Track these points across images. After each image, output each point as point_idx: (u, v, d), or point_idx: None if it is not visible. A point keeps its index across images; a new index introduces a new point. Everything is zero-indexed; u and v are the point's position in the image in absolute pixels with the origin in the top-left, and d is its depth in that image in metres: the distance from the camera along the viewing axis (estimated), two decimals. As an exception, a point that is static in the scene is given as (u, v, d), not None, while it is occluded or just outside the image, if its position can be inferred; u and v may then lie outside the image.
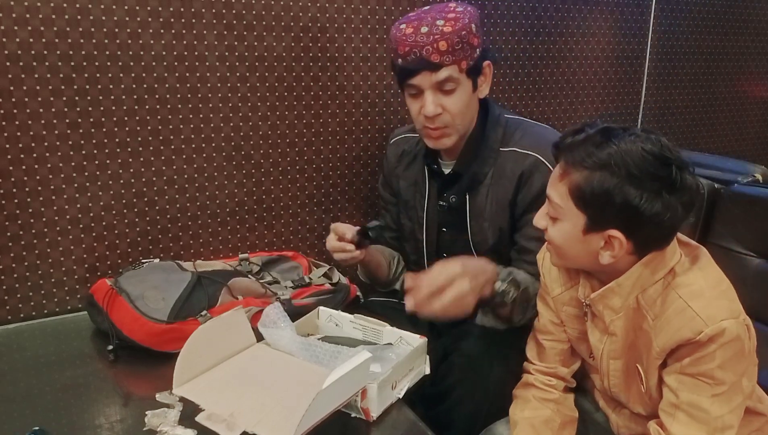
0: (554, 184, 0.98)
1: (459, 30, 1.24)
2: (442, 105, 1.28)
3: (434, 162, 1.43)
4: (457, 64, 1.26)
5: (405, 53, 1.26)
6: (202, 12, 1.51)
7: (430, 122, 1.30)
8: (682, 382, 0.94)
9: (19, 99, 1.37)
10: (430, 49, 1.24)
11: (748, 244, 1.43)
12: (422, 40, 1.24)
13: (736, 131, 2.60)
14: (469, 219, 1.38)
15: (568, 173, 0.94)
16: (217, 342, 1.15)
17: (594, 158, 0.91)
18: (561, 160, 0.97)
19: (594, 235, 0.95)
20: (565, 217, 0.96)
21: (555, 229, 0.99)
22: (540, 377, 1.16)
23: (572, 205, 0.94)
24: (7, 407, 1.09)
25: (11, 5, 1.33)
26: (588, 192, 0.92)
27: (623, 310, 1.00)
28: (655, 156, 0.90)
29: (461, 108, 1.30)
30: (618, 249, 0.94)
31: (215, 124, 1.59)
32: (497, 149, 1.35)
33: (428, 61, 1.24)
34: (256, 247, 1.70)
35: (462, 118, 1.32)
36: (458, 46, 1.25)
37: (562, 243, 0.99)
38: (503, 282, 1.24)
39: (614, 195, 0.90)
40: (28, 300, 1.47)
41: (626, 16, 2.17)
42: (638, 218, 0.90)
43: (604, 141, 0.92)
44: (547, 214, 1.01)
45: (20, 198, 1.42)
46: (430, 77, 1.26)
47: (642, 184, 0.89)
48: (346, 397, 0.99)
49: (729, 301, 0.94)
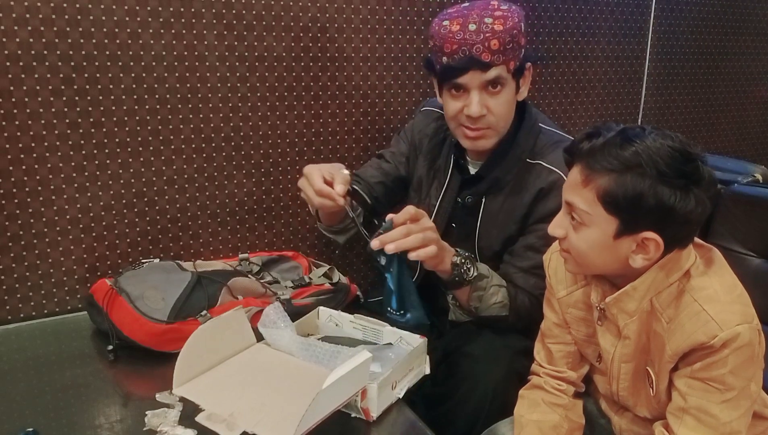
0: (577, 190, 0.94)
1: (510, 29, 1.22)
2: (488, 106, 1.26)
3: (462, 157, 1.41)
4: (506, 65, 1.24)
5: (452, 51, 1.23)
6: (202, 12, 1.51)
7: (472, 122, 1.28)
8: (692, 386, 0.93)
9: (19, 99, 1.37)
10: (481, 48, 1.21)
11: (748, 244, 1.43)
12: (472, 38, 1.21)
13: (736, 131, 2.60)
14: (480, 223, 1.37)
15: (593, 179, 0.92)
16: (217, 342, 1.15)
17: (621, 160, 0.89)
18: (580, 166, 0.94)
19: (626, 239, 0.93)
20: (593, 223, 0.94)
21: (579, 236, 0.96)
22: (550, 381, 1.15)
23: (602, 210, 0.92)
24: (7, 407, 1.09)
25: (11, 5, 1.33)
26: (621, 195, 0.89)
27: (637, 313, 0.99)
28: (681, 152, 0.89)
29: (506, 109, 1.28)
30: (654, 251, 0.92)
31: (215, 124, 1.59)
32: (525, 159, 1.33)
33: (479, 60, 1.21)
34: (256, 247, 1.70)
35: (505, 121, 1.30)
36: (509, 46, 1.22)
37: (588, 250, 0.96)
38: (459, 256, 1.24)
39: (648, 196, 0.88)
40: (28, 300, 1.47)
41: (626, 16, 2.17)
42: (672, 217, 0.89)
43: (626, 142, 0.90)
44: (568, 222, 0.97)
45: (20, 198, 1.42)
46: (480, 77, 1.23)
47: (673, 182, 0.88)
48: (346, 397, 0.99)
49: (743, 305, 0.93)
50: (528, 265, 1.30)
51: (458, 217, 1.42)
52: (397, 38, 1.76)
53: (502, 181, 1.34)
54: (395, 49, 1.77)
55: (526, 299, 1.30)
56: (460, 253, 1.26)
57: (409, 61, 1.79)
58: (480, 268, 1.29)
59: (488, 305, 1.28)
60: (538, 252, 1.26)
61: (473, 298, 1.28)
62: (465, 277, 1.25)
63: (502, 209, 1.34)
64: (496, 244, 1.36)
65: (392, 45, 1.76)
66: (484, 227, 1.37)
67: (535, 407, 1.13)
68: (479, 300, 1.28)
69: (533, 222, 1.32)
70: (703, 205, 0.90)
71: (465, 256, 1.26)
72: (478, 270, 1.27)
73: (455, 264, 1.24)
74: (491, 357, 1.26)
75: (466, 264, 1.25)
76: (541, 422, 1.10)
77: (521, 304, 1.30)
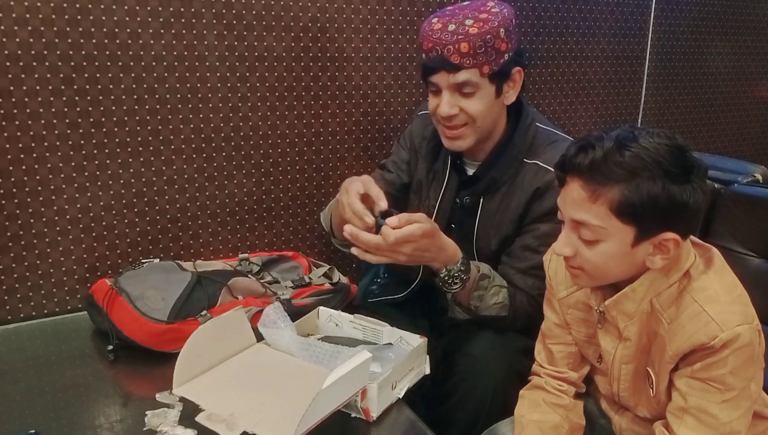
0: (585, 207, 0.92)
1: (484, 33, 1.21)
2: (460, 106, 1.26)
3: (459, 157, 1.41)
4: (477, 68, 1.23)
5: (428, 49, 1.24)
6: (202, 12, 1.51)
7: (446, 121, 1.28)
8: (692, 386, 0.94)
9: (19, 99, 1.37)
10: (451, 49, 1.21)
11: (748, 244, 1.43)
12: (445, 38, 1.21)
13: (736, 131, 2.60)
14: (478, 222, 1.37)
15: (601, 193, 0.90)
16: (217, 342, 1.15)
17: (626, 168, 0.88)
18: (581, 181, 0.92)
19: (643, 244, 0.92)
20: (608, 236, 0.92)
21: (594, 251, 0.95)
22: (551, 381, 1.14)
23: (617, 222, 0.91)
24: (7, 407, 1.09)
25: (11, 5, 1.33)
26: (637, 202, 0.89)
27: (637, 314, 0.99)
28: (676, 147, 0.90)
29: (480, 111, 1.27)
30: (674, 249, 0.92)
31: (215, 124, 1.59)
32: (521, 159, 1.33)
33: (447, 61, 1.22)
34: (256, 247, 1.70)
35: (481, 122, 1.29)
36: (480, 50, 1.22)
37: (604, 263, 0.95)
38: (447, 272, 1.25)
39: (661, 197, 0.88)
40: (28, 300, 1.47)
41: (626, 16, 2.17)
42: (684, 212, 0.90)
43: (623, 149, 0.89)
44: (576, 239, 0.96)
45: (20, 198, 1.42)
46: (448, 78, 1.24)
47: (679, 178, 0.88)
48: (346, 397, 0.99)
49: (743, 305, 0.93)
50: (526, 265, 1.30)
51: (457, 217, 1.42)
52: (397, 38, 1.77)
53: (499, 181, 1.34)
54: (395, 49, 1.77)
55: (525, 300, 1.30)
56: (450, 270, 1.25)
57: (409, 61, 1.79)
58: (482, 268, 1.29)
59: (488, 305, 1.28)
60: (535, 252, 1.26)
61: (474, 298, 1.28)
62: (446, 289, 1.27)
63: (499, 209, 1.35)
64: (494, 243, 1.36)
65: (392, 45, 1.76)
66: (482, 227, 1.37)
67: (536, 407, 1.13)
68: (480, 299, 1.28)
69: (530, 221, 1.32)
70: (705, 192, 0.91)
71: (456, 271, 1.25)
72: (472, 277, 1.26)
73: (440, 278, 1.25)
74: (491, 357, 1.26)
75: (453, 279, 1.25)
76: (541, 422, 1.10)
77: (520, 304, 1.30)
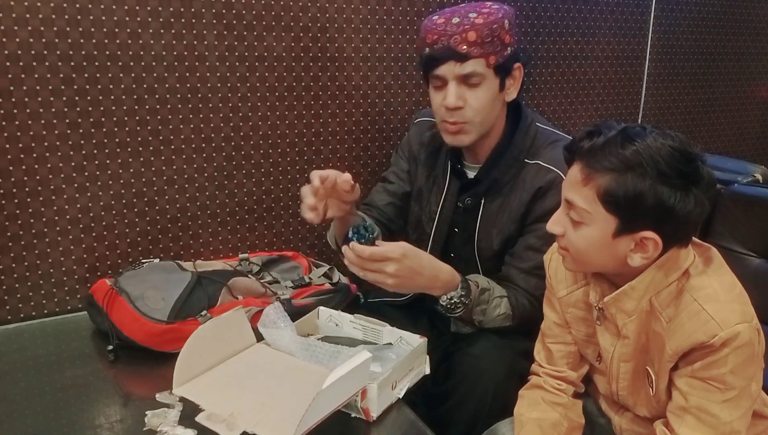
0: (576, 188, 0.94)
1: (490, 23, 1.23)
2: (465, 98, 1.26)
3: (459, 162, 1.41)
4: (484, 58, 1.24)
5: (432, 41, 1.24)
6: (202, 12, 1.51)
7: (450, 115, 1.28)
8: (692, 385, 0.94)
9: (19, 99, 1.37)
10: (458, 39, 1.22)
11: (748, 244, 1.43)
12: (451, 29, 1.22)
13: (736, 131, 2.60)
14: (479, 223, 1.37)
15: (593, 177, 0.92)
16: (217, 342, 1.15)
17: (621, 159, 0.89)
18: (580, 164, 0.94)
19: (624, 238, 0.93)
20: (592, 221, 0.94)
21: (577, 234, 0.96)
22: (549, 380, 1.15)
23: (602, 209, 0.92)
24: (7, 407, 1.09)
25: (11, 5, 1.33)
26: (621, 195, 0.89)
27: (636, 312, 0.99)
28: (681, 152, 0.89)
29: (484, 104, 1.27)
30: (653, 250, 0.92)
31: (215, 124, 1.59)
32: (522, 160, 1.33)
33: (455, 50, 1.22)
34: (256, 247, 1.70)
35: (483, 116, 1.29)
36: (488, 39, 1.23)
37: (586, 248, 0.96)
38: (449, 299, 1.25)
39: (648, 196, 0.88)
40: (28, 300, 1.47)
41: (626, 16, 2.17)
42: (671, 217, 0.89)
43: (626, 141, 0.89)
44: (567, 219, 0.97)
45: (20, 198, 1.42)
46: (455, 68, 1.24)
47: (673, 182, 0.88)
48: (346, 397, 0.99)
49: (742, 304, 0.93)
50: (528, 266, 1.30)
51: (459, 221, 1.42)
52: (397, 38, 1.77)
53: (501, 181, 1.34)
54: (395, 49, 1.77)
55: (526, 301, 1.30)
56: (451, 297, 1.25)
57: (409, 61, 1.79)
58: (480, 282, 1.29)
59: (492, 318, 1.28)
60: (537, 252, 1.26)
61: (476, 313, 1.28)
62: (449, 315, 1.28)
63: (501, 209, 1.34)
64: (496, 244, 1.36)
65: (392, 45, 1.76)
66: (483, 228, 1.37)
67: (535, 406, 1.13)
68: (483, 313, 1.28)
69: (532, 221, 1.32)
70: (702, 206, 0.90)
71: (458, 297, 1.25)
72: (472, 295, 1.26)
73: (442, 305, 1.26)
74: (491, 357, 1.26)
75: (455, 305, 1.25)
76: (541, 420, 1.10)
77: (522, 309, 1.30)
